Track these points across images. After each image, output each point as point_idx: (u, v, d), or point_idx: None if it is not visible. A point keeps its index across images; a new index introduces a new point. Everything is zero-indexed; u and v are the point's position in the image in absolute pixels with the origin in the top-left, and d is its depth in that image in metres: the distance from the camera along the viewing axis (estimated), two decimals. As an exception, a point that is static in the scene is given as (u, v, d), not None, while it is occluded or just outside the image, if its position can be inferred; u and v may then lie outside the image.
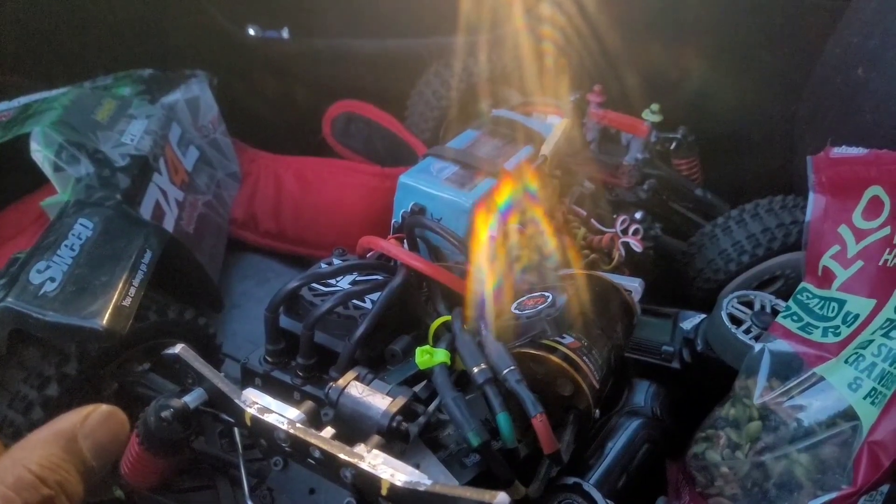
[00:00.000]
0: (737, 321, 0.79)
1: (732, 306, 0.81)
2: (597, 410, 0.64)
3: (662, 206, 1.05)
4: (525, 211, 0.79)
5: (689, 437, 0.78)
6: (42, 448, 0.32)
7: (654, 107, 1.05)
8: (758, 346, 0.72)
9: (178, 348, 0.52)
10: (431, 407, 0.58)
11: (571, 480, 0.65)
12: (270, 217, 1.14)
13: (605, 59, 1.10)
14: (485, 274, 0.64)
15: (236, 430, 0.59)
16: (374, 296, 0.66)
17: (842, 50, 0.92)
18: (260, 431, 0.51)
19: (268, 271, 1.15)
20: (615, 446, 0.76)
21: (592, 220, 0.94)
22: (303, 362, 0.63)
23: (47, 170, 0.77)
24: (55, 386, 0.58)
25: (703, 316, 0.88)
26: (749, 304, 0.81)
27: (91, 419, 0.34)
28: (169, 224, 0.91)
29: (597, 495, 0.63)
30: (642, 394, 0.86)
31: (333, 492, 0.50)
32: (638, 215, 0.95)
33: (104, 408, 0.34)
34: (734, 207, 0.98)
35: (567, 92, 1.08)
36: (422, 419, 0.56)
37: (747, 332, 0.77)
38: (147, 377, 0.64)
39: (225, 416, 0.53)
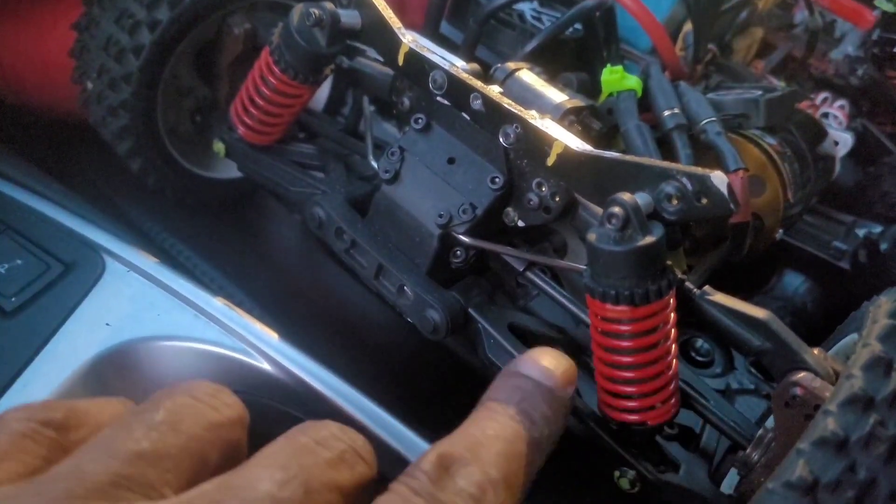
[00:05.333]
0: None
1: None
2: (780, 231, 0.53)
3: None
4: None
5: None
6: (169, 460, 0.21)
7: (896, -6, 0.89)
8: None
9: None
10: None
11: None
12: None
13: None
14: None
15: (365, 99, 0.50)
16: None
17: None
18: (412, 73, 0.42)
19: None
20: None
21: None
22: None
23: None
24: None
25: (882, 227, 0.75)
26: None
27: (222, 428, 0.22)
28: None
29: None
30: (794, 285, 0.74)
31: (477, 165, 0.40)
32: (839, 102, 0.82)
33: (235, 412, 0.22)
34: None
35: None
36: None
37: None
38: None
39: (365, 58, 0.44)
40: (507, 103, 0.38)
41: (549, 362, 0.30)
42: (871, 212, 0.89)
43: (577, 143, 0.36)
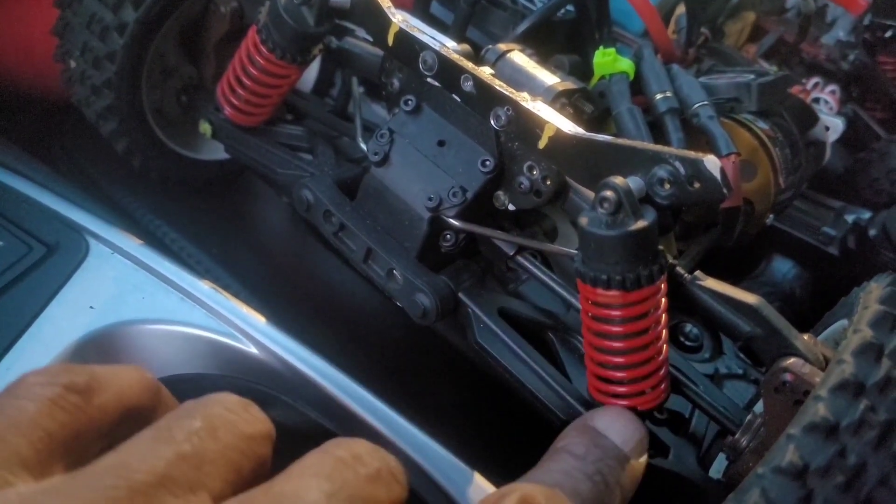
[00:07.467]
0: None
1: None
2: (771, 216, 0.53)
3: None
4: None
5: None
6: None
7: (888, -20, 0.88)
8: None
9: (331, -70, 0.42)
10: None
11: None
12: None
13: None
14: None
15: (354, 80, 0.49)
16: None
17: None
18: (403, 53, 0.41)
19: None
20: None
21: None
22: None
23: None
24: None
25: (871, 213, 0.76)
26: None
27: (254, 442, 0.22)
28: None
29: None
30: (783, 270, 0.74)
31: (468, 148, 0.40)
32: (830, 87, 0.82)
33: (266, 427, 0.22)
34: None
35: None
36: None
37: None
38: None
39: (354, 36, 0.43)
40: (498, 85, 0.37)
41: (626, 426, 0.30)
42: (861, 198, 0.89)
43: (568, 126, 0.35)
